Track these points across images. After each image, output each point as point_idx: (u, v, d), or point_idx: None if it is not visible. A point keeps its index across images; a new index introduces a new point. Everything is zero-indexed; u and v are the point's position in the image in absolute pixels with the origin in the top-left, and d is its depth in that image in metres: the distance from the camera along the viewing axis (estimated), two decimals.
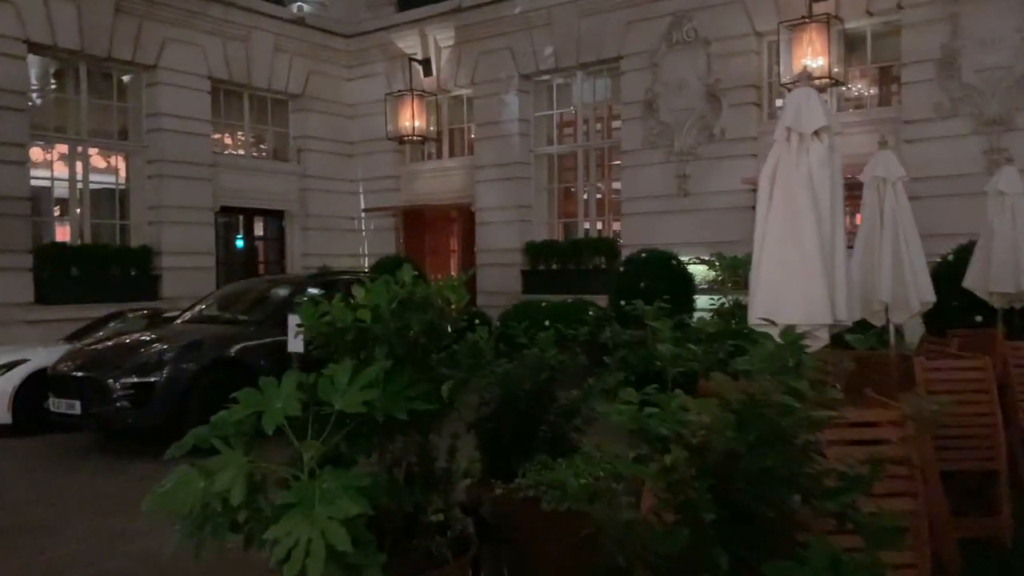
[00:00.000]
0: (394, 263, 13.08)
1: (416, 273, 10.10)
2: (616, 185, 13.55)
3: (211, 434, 3.04)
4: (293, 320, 6.95)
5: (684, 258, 10.77)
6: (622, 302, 10.26)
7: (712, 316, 7.29)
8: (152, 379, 7.51)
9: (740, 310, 7.45)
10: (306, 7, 14.97)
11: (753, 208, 11.59)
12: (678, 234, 11.72)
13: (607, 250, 13.06)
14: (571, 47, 13.15)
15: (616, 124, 13.69)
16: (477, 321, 11.60)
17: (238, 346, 8.09)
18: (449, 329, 3.66)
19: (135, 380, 7.51)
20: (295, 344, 7.24)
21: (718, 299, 9.95)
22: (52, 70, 12.27)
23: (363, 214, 15.75)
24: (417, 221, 15.32)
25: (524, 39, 13.60)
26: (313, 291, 9.23)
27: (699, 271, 10.87)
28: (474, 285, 14.49)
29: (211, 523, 2.73)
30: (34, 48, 11.50)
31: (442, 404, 3.37)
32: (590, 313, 10.42)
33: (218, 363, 7.83)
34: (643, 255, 10.74)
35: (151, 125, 12.87)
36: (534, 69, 13.67)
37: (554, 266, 13.52)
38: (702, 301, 10.40)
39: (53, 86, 12.35)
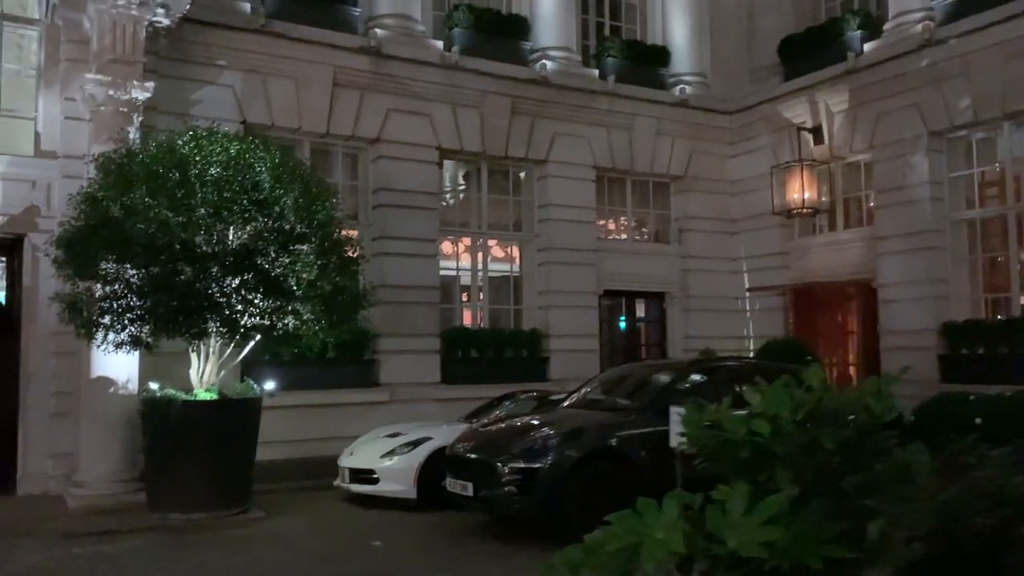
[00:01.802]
0: (783, 346, 12.09)
1: (810, 357, 8.94)
2: None
3: (583, 560, 2.64)
4: (676, 413, 6.47)
5: None
6: None
7: None
8: (536, 465, 7.48)
9: None
10: (688, 88, 14.91)
11: None
12: None
13: None
14: (994, 96, 11.25)
15: None
16: (897, 415, 10.16)
17: (618, 435, 7.77)
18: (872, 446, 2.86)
19: (521, 465, 7.54)
20: (677, 439, 6.74)
21: None
22: (459, 171, 13.61)
23: (747, 294, 14.95)
24: (807, 300, 14.10)
25: (933, 93, 11.98)
26: (695, 378, 8.70)
27: None
28: (876, 372, 12.84)
29: None
30: (445, 153, 12.84)
31: (866, 549, 2.59)
32: None
33: (599, 452, 7.60)
34: None
35: (541, 215, 13.60)
36: (947, 125, 11.93)
37: (981, 351, 11.40)
38: None
39: (461, 186, 13.67)
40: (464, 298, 13.71)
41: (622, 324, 14.98)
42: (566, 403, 9.34)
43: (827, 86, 13.51)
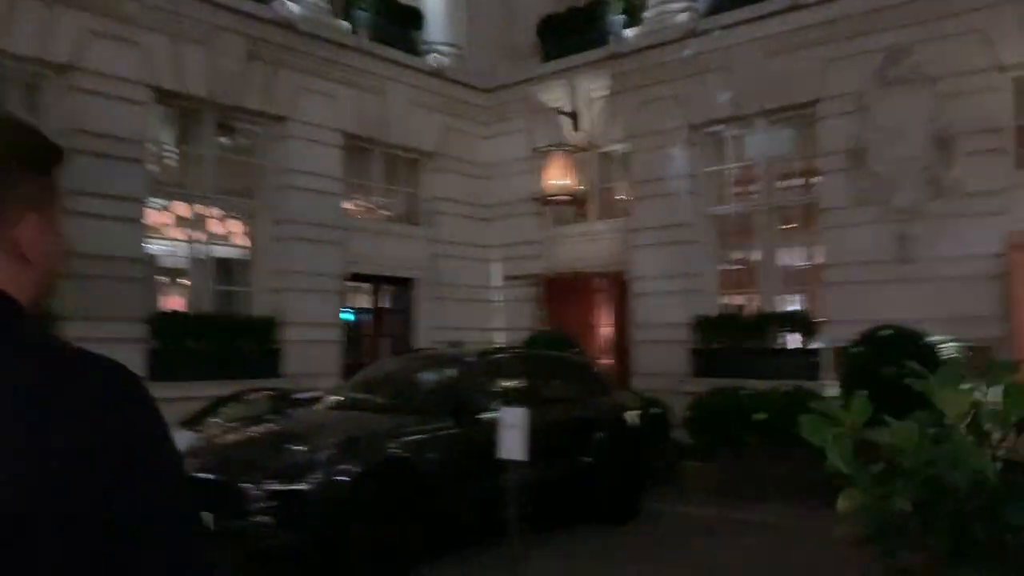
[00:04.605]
0: (549, 338, 11.31)
1: (577, 350, 7.59)
2: (806, 251, 11.60)
3: None
4: (509, 417, 5.15)
5: (933, 338, 8.58)
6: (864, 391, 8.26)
7: None
8: (302, 486, 5.78)
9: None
10: (442, 59, 13.71)
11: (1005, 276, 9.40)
12: (899, 308, 9.46)
13: (802, 326, 11.01)
14: (753, 92, 11.36)
15: (798, 181, 11.87)
16: (653, 409, 9.55)
17: (409, 443, 6.30)
18: None
19: (278, 488, 5.80)
20: (511, 448, 5.45)
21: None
22: (176, 121, 11.12)
23: (502, 283, 14.10)
24: (561, 291, 13.56)
25: (695, 85, 11.91)
26: (492, 372, 7.48)
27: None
28: (626, 365, 12.62)
29: None
30: (162, 96, 10.38)
31: None
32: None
33: (386, 465, 6.07)
34: (885, 333, 8.64)
35: (279, 182, 11.58)
36: (705, 119, 11.94)
37: (733, 345, 11.48)
38: None
39: (167, 145, 11.13)
40: (175, 277, 11.28)
41: (361, 314, 13.35)
42: (324, 404, 7.66)
43: (587, 71, 13.05)
